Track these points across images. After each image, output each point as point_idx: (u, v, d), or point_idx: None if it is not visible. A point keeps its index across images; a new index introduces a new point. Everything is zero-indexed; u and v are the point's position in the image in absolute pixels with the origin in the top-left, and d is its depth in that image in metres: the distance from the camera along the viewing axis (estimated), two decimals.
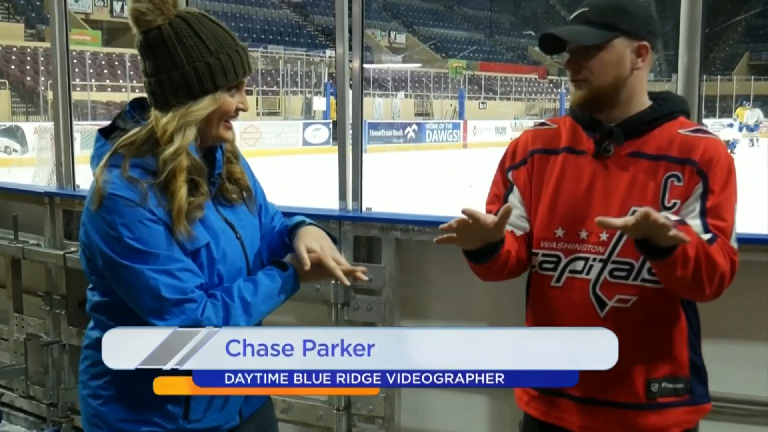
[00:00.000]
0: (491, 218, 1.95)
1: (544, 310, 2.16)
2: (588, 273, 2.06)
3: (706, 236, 1.94)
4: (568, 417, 2.13)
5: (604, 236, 2.04)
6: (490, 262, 2.09)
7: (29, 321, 4.40)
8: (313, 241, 2.01)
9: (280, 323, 3.55)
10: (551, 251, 2.12)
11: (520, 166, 2.20)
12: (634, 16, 2.05)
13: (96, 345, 1.93)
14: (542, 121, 2.28)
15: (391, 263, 3.36)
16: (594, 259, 2.06)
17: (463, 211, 1.95)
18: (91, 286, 2.00)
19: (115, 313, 1.93)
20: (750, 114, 33.86)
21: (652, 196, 2.02)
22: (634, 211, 1.93)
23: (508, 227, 2.15)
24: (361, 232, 3.44)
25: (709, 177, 2.00)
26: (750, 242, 2.75)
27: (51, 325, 4.28)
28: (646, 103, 2.11)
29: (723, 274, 1.94)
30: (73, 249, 4.12)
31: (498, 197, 2.23)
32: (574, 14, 2.11)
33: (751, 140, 32.66)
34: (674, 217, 1.91)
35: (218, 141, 1.96)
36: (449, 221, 1.96)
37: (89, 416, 2.00)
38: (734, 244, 2.00)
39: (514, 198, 2.20)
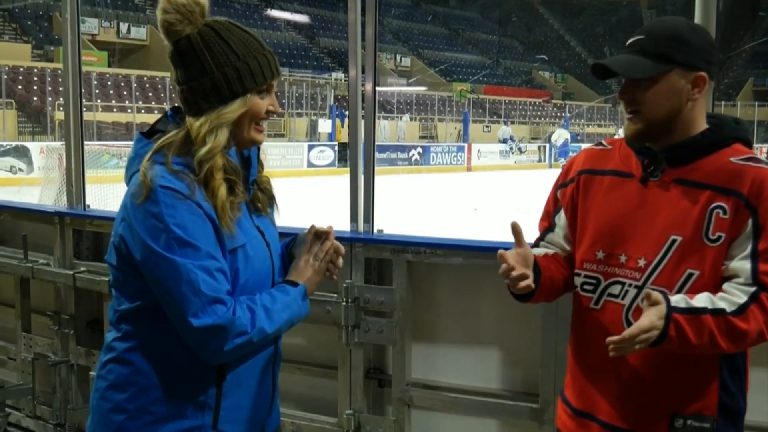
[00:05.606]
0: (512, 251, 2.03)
1: (581, 331, 2.16)
2: (623, 298, 2.03)
3: (740, 299, 1.86)
4: None
5: (641, 262, 2.00)
6: (534, 298, 2.13)
7: (37, 341, 4.40)
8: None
9: (293, 345, 3.55)
10: (592, 273, 2.10)
11: (568, 184, 2.20)
12: (691, 46, 1.96)
13: (122, 358, 1.95)
14: (600, 141, 2.25)
15: (402, 285, 3.36)
16: (630, 285, 2.02)
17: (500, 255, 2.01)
18: (116, 295, 2.00)
19: (143, 320, 1.94)
20: None
21: (694, 226, 1.94)
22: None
23: (551, 249, 2.23)
24: (373, 254, 3.43)
25: (760, 212, 1.89)
26: None
27: (59, 345, 4.28)
28: (703, 128, 2.03)
29: (759, 334, 1.87)
30: (83, 269, 4.13)
31: (548, 215, 2.27)
32: (630, 41, 2.03)
33: None
34: (659, 290, 1.88)
35: (251, 144, 2.04)
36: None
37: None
38: None
39: (560, 218, 2.22)
